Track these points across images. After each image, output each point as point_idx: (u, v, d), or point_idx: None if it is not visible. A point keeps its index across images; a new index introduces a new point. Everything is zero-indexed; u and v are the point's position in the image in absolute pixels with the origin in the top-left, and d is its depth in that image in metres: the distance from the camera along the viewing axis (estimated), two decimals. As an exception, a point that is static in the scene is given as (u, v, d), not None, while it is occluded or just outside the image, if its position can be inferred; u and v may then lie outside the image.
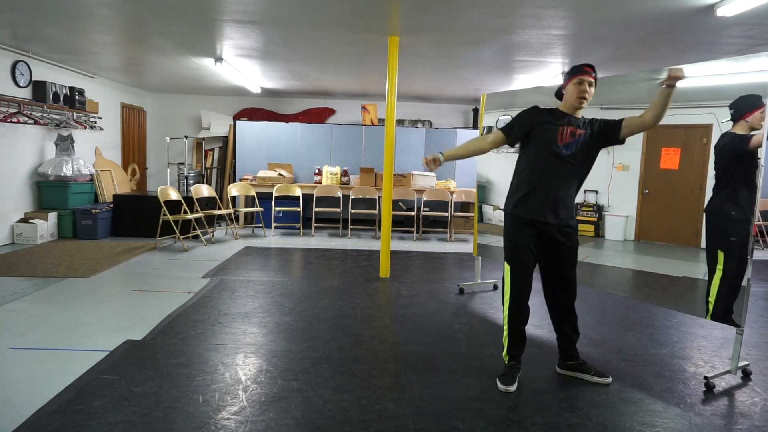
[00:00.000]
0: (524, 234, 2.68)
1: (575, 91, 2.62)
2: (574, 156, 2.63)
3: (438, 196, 7.83)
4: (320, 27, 4.73)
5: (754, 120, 2.76)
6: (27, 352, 2.96)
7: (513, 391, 2.63)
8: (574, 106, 2.65)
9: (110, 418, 2.25)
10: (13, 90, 6.05)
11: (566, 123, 2.64)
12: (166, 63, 6.70)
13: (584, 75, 2.59)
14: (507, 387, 2.64)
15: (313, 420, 2.30)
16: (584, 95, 2.60)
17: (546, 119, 2.67)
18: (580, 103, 2.62)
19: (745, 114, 2.80)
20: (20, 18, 4.74)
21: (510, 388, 2.64)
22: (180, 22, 4.69)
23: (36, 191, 6.65)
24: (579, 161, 2.66)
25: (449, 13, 4.19)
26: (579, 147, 2.63)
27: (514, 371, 2.73)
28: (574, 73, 2.63)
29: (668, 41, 4.80)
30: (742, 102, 2.83)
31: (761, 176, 2.73)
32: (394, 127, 5.10)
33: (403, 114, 9.75)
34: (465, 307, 4.19)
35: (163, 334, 3.31)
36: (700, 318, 3.22)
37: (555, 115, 2.69)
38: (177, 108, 9.82)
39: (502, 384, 2.66)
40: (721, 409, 2.55)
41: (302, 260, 5.92)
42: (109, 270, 5.04)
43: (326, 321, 3.69)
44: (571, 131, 2.63)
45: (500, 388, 2.65)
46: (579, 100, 2.61)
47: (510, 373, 2.71)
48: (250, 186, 7.92)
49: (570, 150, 2.62)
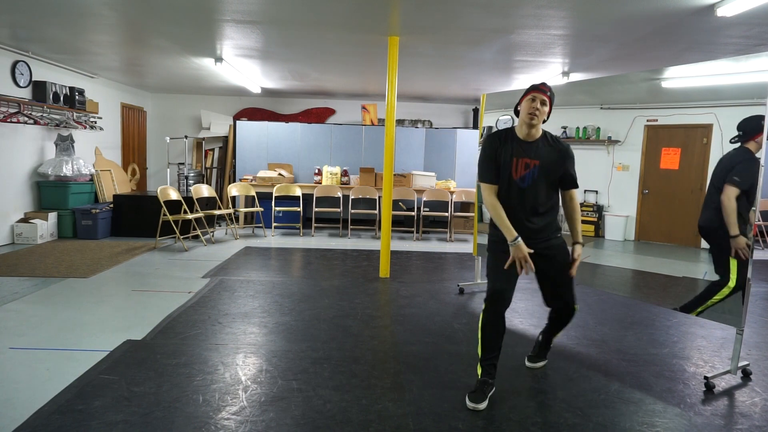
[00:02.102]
0: (502, 255, 2.58)
1: (527, 107, 2.54)
2: (534, 185, 2.56)
3: (438, 196, 7.83)
4: (320, 27, 4.73)
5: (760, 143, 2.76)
6: (27, 352, 2.96)
7: (482, 409, 2.46)
8: (525, 123, 2.54)
9: (110, 418, 2.25)
10: (13, 90, 6.05)
11: (519, 153, 2.57)
12: (166, 63, 6.70)
13: (537, 92, 2.52)
14: (475, 405, 2.46)
15: (313, 420, 2.30)
16: (535, 112, 2.51)
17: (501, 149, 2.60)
18: (531, 119, 2.52)
19: (755, 135, 2.78)
20: (20, 18, 4.74)
21: (479, 406, 2.46)
22: (180, 22, 4.69)
23: (36, 191, 6.65)
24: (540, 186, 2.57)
25: (449, 13, 4.19)
26: (535, 177, 2.55)
27: (486, 387, 2.55)
28: (528, 90, 2.60)
29: (668, 41, 4.80)
30: (750, 124, 2.80)
31: (761, 176, 2.73)
32: (394, 127, 5.10)
33: (403, 114, 9.75)
34: (465, 307, 4.19)
35: (163, 334, 3.31)
36: (700, 318, 3.22)
37: (510, 142, 2.60)
38: (177, 108, 9.82)
39: (470, 401, 2.48)
40: (721, 409, 2.55)
41: (302, 260, 5.92)
42: (109, 270, 5.04)
43: (326, 321, 3.69)
44: (525, 163, 2.55)
45: (468, 405, 2.47)
46: (529, 116, 2.52)
47: (481, 389, 2.54)
48: (250, 186, 7.92)
49: (526, 182, 2.56)
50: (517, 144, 2.58)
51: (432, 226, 8.28)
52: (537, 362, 3.00)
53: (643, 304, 4.26)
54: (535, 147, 2.57)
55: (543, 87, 2.56)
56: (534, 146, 2.57)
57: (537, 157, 2.55)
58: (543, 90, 2.55)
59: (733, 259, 2.84)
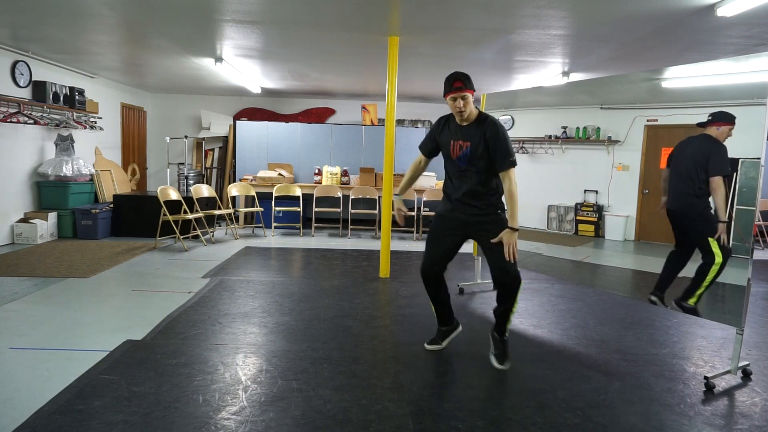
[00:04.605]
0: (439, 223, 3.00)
1: (452, 106, 2.78)
2: (470, 165, 2.81)
3: (438, 196, 7.77)
4: (320, 27, 4.73)
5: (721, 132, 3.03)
6: (27, 352, 2.96)
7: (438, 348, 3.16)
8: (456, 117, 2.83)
9: (110, 418, 2.25)
10: (13, 90, 6.05)
11: (456, 136, 2.84)
12: (166, 63, 6.70)
13: (456, 92, 2.72)
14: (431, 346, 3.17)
15: (313, 420, 2.30)
16: (460, 111, 2.75)
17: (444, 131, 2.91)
18: (460, 116, 2.78)
19: (717, 123, 3.04)
20: (20, 18, 4.74)
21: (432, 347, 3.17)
22: (180, 22, 4.69)
23: (36, 191, 6.65)
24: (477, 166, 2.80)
25: (449, 13, 4.19)
26: (470, 157, 2.80)
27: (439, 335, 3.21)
28: (447, 91, 2.76)
29: (668, 41, 4.80)
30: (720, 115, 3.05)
31: (761, 176, 2.74)
32: (394, 127, 5.10)
33: (403, 114, 9.75)
34: (465, 307, 4.19)
35: (163, 334, 3.31)
36: (700, 318, 3.22)
37: (451, 124, 2.89)
38: (177, 108, 9.82)
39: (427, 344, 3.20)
40: (721, 409, 2.55)
41: (302, 260, 5.92)
42: (109, 270, 5.04)
43: (326, 321, 3.69)
44: (459, 145, 2.83)
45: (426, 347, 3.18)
46: (458, 114, 2.78)
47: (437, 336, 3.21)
48: (250, 186, 7.92)
49: (463, 162, 2.83)
50: (455, 127, 2.86)
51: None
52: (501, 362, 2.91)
53: (643, 304, 4.25)
54: (467, 129, 2.82)
55: (457, 84, 2.71)
56: (466, 129, 2.82)
57: (468, 139, 2.80)
58: (458, 88, 2.71)
59: (711, 239, 3.06)
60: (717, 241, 3.02)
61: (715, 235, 3.01)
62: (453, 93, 2.72)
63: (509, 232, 2.72)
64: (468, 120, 2.80)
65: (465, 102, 2.73)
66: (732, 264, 2.94)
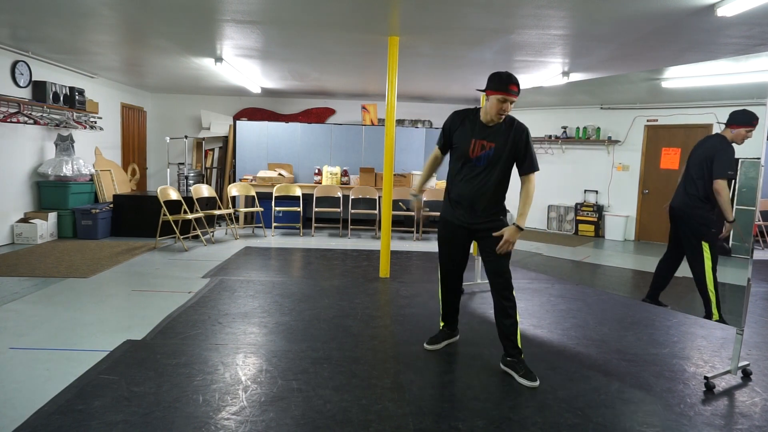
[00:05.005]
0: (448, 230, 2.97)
1: (496, 106, 2.68)
2: (488, 166, 2.75)
3: (438, 196, 7.82)
4: (320, 27, 4.73)
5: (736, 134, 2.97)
6: (27, 352, 2.96)
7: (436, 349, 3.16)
8: (492, 118, 2.73)
9: (110, 418, 2.25)
10: (13, 90, 6.05)
11: (479, 135, 2.75)
12: (166, 63, 6.70)
13: (509, 95, 2.65)
14: (431, 346, 3.18)
15: (313, 420, 2.30)
16: (504, 113, 2.69)
17: (461, 127, 2.82)
18: (499, 118, 2.71)
19: (734, 125, 2.97)
20: (20, 18, 4.74)
21: (431, 346, 3.17)
22: (180, 22, 4.69)
23: (36, 191, 6.65)
24: (493, 169, 2.75)
25: (449, 13, 4.19)
26: (492, 158, 2.73)
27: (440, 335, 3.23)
28: (499, 89, 2.65)
29: (668, 41, 4.80)
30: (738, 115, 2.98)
31: (761, 176, 2.74)
32: (394, 127, 5.10)
33: (403, 114, 9.74)
34: (465, 307, 4.19)
35: (163, 334, 3.31)
36: (699, 318, 3.22)
37: (472, 122, 2.81)
38: (177, 108, 9.82)
39: (427, 344, 3.20)
40: (721, 409, 2.55)
41: (302, 260, 5.92)
42: (109, 270, 5.04)
43: (326, 321, 3.69)
44: (481, 145, 2.74)
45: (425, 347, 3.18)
46: (498, 115, 2.70)
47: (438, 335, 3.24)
48: (250, 186, 7.92)
49: (482, 162, 2.76)
50: (478, 126, 2.77)
51: (432, 226, 8.28)
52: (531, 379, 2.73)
53: (643, 304, 4.25)
54: (492, 130, 2.75)
55: (513, 87, 2.64)
56: (493, 130, 2.75)
57: (493, 140, 2.73)
58: (514, 92, 2.65)
59: (704, 242, 3.07)
60: (708, 242, 3.04)
61: (719, 236, 3.00)
62: (505, 94, 2.63)
63: (514, 229, 2.71)
64: (495, 122, 2.75)
65: (511, 106, 2.69)
66: (732, 264, 2.94)
